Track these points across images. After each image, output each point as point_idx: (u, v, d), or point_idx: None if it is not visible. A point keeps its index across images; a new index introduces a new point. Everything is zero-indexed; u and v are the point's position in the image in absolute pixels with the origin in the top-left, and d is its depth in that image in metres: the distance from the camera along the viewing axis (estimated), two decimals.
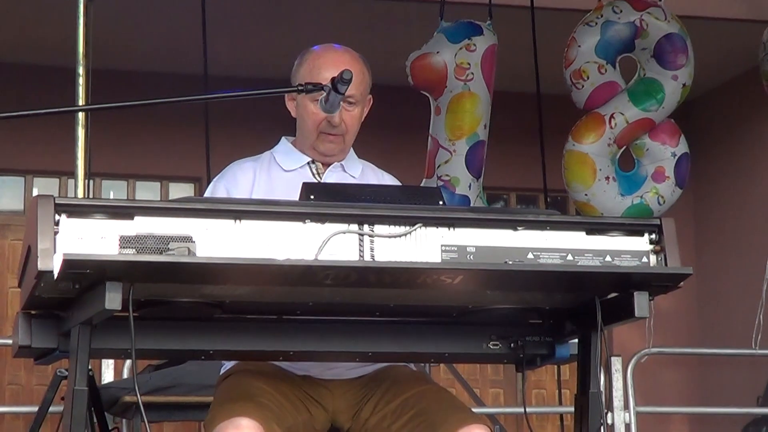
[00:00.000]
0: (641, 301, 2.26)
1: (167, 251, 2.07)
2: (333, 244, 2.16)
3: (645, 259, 2.28)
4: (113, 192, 9.47)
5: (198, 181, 9.32)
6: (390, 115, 7.00)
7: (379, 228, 2.20)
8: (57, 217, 2.04)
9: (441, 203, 2.30)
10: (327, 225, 2.17)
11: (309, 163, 2.90)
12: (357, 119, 2.89)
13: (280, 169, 2.89)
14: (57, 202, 2.05)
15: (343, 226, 2.18)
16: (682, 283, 2.28)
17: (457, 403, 2.63)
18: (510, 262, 2.22)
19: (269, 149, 2.97)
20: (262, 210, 2.16)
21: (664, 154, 6.26)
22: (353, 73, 2.63)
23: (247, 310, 2.40)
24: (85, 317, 2.13)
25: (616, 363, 6.02)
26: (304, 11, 8.05)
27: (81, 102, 4.60)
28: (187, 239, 2.09)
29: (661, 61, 6.22)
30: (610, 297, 2.35)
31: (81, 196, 4.62)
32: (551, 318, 2.55)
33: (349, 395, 2.74)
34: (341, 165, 2.92)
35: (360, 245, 2.18)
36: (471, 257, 2.21)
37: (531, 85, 6.82)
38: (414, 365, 2.97)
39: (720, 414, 8.56)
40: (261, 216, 2.15)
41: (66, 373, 2.67)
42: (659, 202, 6.21)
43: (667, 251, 2.28)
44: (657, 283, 2.27)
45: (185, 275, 2.09)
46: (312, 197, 2.23)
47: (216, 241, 2.11)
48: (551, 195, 7.35)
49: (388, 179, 3.00)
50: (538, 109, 6.69)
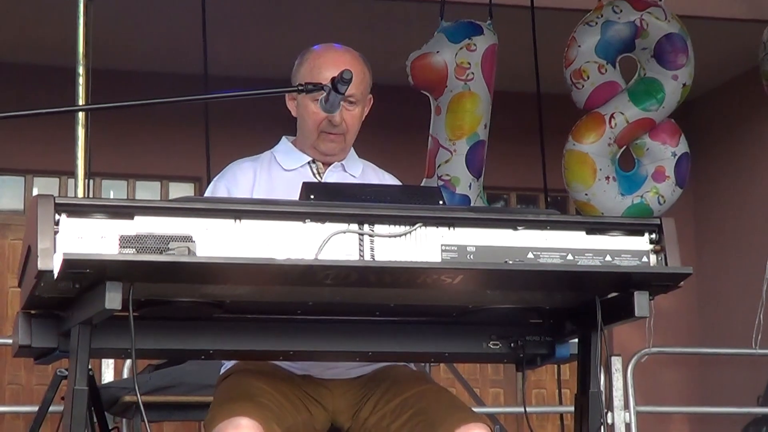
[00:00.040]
0: (641, 301, 2.26)
1: (167, 251, 2.06)
2: (333, 243, 2.16)
3: (645, 259, 2.28)
4: (113, 192, 9.47)
5: (198, 181, 9.32)
6: (390, 115, 7.00)
7: (379, 228, 2.20)
8: (57, 217, 2.04)
9: (441, 203, 2.30)
10: (327, 225, 2.17)
11: (309, 163, 2.90)
12: (358, 119, 2.89)
13: (280, 169, 2.88)
14: (57, 201, 2.05)
15: (343, 225, 2.18)
16: (682, 283, 2.28)
17: (457, 403, 2.63)
18: (510, 261, 2.21)
19: (269, 149, 2.96)
20: (262, 210, 2.16)
21: (664, 153, 6.26)
22: (354, 73, 2.63)
23: (247, 309, 2.40)
24: (85, 317, 2.13)
25: (616, 362, 6.02)
26: (304, 11, 8.04)
27: (81, 102, 4.60)
28: (187, 239, 2.09)
29: (662, 61, 6.22)
30: (610, 297, 2.35)
31: (81, 195, 4.63)
32: (551, 318, 2.55)
33: (349, 395, 2.74)
34: (342, 165, 2.92)
35: (360, 245, 2.18)
36: (471, 257, 2.21)
37: (531, 85, 6.82)
38: (414, 365, 2.97)
39: (720, 414, 8.55)
40: (261, 216, 2.15)
41: (66, 373, 2.67)
42: (659, 201, 6.21)
43: (668, 251, 2.28)
44: (657, 283, 2.27)
45: (185, 275, 2.09)
46: (312, 197, 2.23)
47: (216, 241, 2.11)
48: (551, 195, 7.35)
49: (388, 179, 3.00)
50: (538, 109, 6.69)
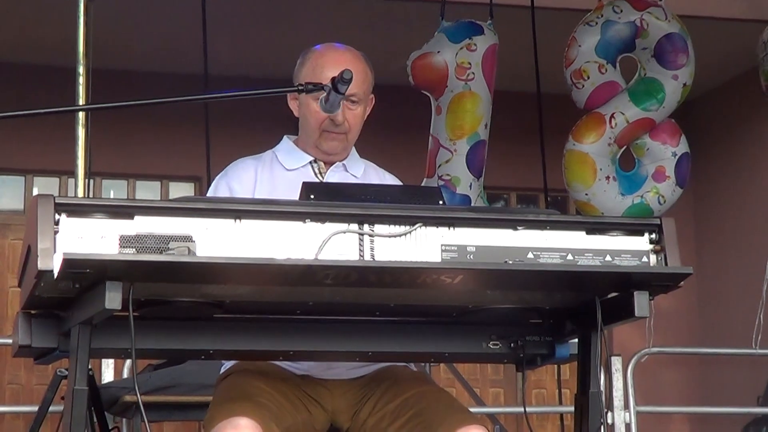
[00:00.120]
0: (641, 301, 2.25)
1: (167, 251, 2.06)
2: (333, 243, 2.16)
3: (645, 259, 2.28)
4: (113, 191, 9.48)
5: (198, 181, 9.32)
6: (391, 115, 6.99)
7: (380, 228, 2.20)
8: (57, 217, 2.04)
9: (441, 203, 2.30)
10: (327, 224, 2.17)
11: (311, 163, 2.90)
12: (360, 118, 2.89)
13: (282, 168, 2.88)
14: (57, 201, 2.05)
15: (343, 225, 2.18)
16: (682, 283, 2.27)
17: (456, 404, 2.63)
18: (510, 261, 2.21)
19: (269, 148, 2.96)
20: (262, 209, 2.16)
21: (664, 153, 6.26)
22: (356, 72, 2.62)
23: (247, 309, 2.40)
24: (85, 317, 2.13)
25: (616, 362, 6.02)
26: (304, 11, 8.05)
27: (81, 102, 4.60)
28: (188, 239, 2.09)
29: (662, 61, 6.22)
30: (610, 297, 2.34)
31: (81, 195, 4.62)
32: (551, 318, 2.55)
33: (349, 395, 2.74)
34: (343, 165, 2.92)
35: (360, 245, 2.18)
36: (471, 257, 2.21)
37: (531, 85, 6.82)
38: (414, 365, 2.97)
39: (720, 414, 8.56)
40: (261, 215, 2.15)
41: (66, 373, 2.67)
42: (660, 201, 6.21)
43: (668, 251, 2.28)
44: (657, 283, 2.27)
45: (185, 275, 2.09)
46: (312, 197, 2.23)
47: (216, 241, 2.11)
48: (551, 195, 7.35)
49: (389, 179, 3.00)
50: (538, 109, 6.69)
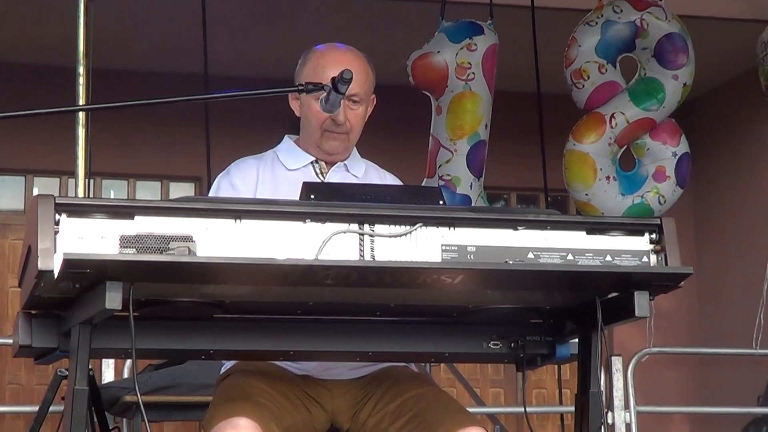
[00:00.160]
0: (642, 301, 2.25)
1: (167, 251, 2.06)
2: (333, 243, 2.16)
3: (645, 259, 2.28)
4: (113, 192, 9.48)
5: (198, 181, 9.32)
6: (391, 115, 6.98)
7: (380, 228, 2.20)
8: (57, 217, 2.04)
9: (441, 203, 2.30)
10: (327, 224, 2.17)
11: (312, 163, 2.90)
12: (361, 118, 2.89)
13: (283, 168, 2.88)
14: (57, 201, 2.04)
15: (344, 225, 2.18)
16: (682, 283, 2.27)
17: (456, 406, 2.63)
18: (510, 261, 2.21)
19: (269, 148, 2.96)
20: (262, 209, 2.16)
21: (664, 153, 6.26)
22: (358, 72, 2.61)
23: (248, 309, 2.40)
24: (86, 317, 2.13)
25: (616, 362, 6.02)
26: (304, 11, 8.05)
27: (81, 102, 4.60)
28: (188, 239, 2.09)
29: (662, 61, 6.22)
30: (610, 297, 2.34)
31: (81, 195, 4.62)
32: (551, 318, 2.55)
33: (349, 395, 2.74)
34: (345, 165, 2.91)
35: (360, 245, 2.18)
36: (471, 257, 2.21)
37: (531, 85, 6.82)
38: (415, 365, 2.96)
39: (720, 414, 8.55)
40: (261, 215, 2.15)
41: (66, 373, 2.67)
42: (660, 201, 6.21)
43: (668, 251, 2.28)
44: (657, 283, 2.27)
45: (185, 275, 2.09)
46: (312, 197, 2.23)
47: (216, 241, 2.11)
48: (552, 195, 7.35)
49: (390, 179, 3.00)
50: (538, 109, 6.69)
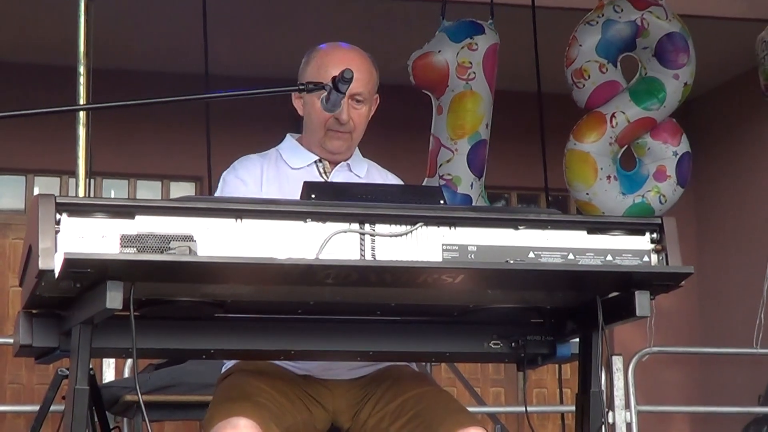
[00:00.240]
0: (642, 301, 2.25)
1: (168, 250, 2.06)
2: (334, 243, 2.16)
3: (646, 258, 2.28)
4: (114, 191, 9.48)
5: (199, 180, 9.32)
6: (392, 115, 6.95)
7: (380, 227, 2.19)
8: (58, 216, 2.03)
9: (442, 202, 2.30)
10: (328, 224, 2.17)
11: (316, 162, 2.89)
12: (364, 117, 2.89)
13: (287, 167, 2.88)
14: (58, 201, 2.04)
15: (344, 225, 2.18)
16: (683, 282, 2.27)
17: (456, 405, 2.63)
18: (511, 261, 2.21)
19: (270, 148, 2.96)
20: (263, 209, 2.16)
21: (665, 153, 6.26)
22: (361, 72, 2.61)
23: (248, 309, 2.40)
24: (86, 316, 2.13)
25: (617, 362, 6.02)
26: (304, 11, 8.05)
27: (82, 101, 4.60)
28: (188, 238, 2.09)
29: (663, 60, 6.22)
30: (611, 296, 2.34)
31: (82, 195, 4.63)
32: (552, 317, 2.55)
33: (350, 395, 2.74)
34: (348, 164, 2.91)
35: (361, 244, 2.18)
36: (472, 256, 2.21)
37: (532, 85, 6.81)
38: (415, 365, 2.96)
39: (721, 413, 8.55)
40: (262, 215, 2.15)
41: (67, 373, 2.67)
42: (661, 201, 6.21)
43: (669, 250, 2.28)
44: (658, 282, 2.27)
45: (186, 274, 2.08)
46: (313, 196, 2.23)
47: (217, 241, 2.11)
48: (552, 194, 7.35)
49: (392, 179, 3.00)
50: (539, 109, 6.69)
